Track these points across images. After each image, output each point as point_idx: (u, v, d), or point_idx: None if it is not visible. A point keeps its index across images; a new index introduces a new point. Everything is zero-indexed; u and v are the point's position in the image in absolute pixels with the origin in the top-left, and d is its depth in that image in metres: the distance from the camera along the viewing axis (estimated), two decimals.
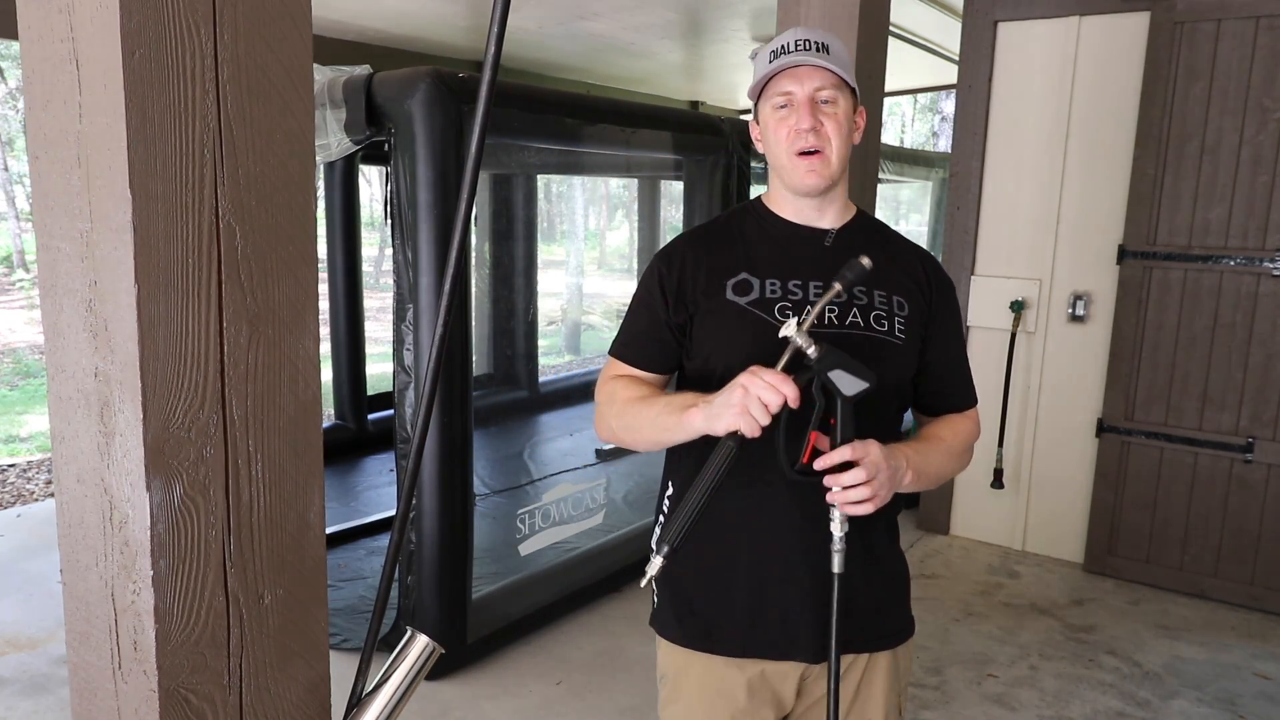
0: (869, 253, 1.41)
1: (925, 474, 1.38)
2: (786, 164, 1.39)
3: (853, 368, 1.22)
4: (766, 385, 1.19)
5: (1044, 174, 4.17)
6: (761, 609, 1.41)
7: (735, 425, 1.21)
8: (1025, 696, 3.10)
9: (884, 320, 1.39)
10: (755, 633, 1.41)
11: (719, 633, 1.43)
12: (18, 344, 10.72)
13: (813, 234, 1.44)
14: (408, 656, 1.00)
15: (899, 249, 1.50)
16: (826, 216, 1.45)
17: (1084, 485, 4.20)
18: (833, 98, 1.37)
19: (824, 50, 1.37)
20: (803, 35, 1.38)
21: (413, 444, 0.92)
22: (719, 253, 1.44)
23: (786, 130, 1.38)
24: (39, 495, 5.52)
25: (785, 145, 1.38)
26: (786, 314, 1.36)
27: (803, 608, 1.39)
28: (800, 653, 1.41)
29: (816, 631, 1.38)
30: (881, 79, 2.77)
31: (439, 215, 2.84)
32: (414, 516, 2.99)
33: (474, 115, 0.82)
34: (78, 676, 0.94)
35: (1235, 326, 3.77)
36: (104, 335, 0.84)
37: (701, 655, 1.45)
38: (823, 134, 1.36)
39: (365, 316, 5.77)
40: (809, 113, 1.36)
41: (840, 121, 1.38)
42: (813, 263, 1.42)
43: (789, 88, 1.37)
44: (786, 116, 1.38)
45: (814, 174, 1.38)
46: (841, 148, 1.39)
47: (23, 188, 15.49)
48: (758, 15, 5.20)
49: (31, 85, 0.86)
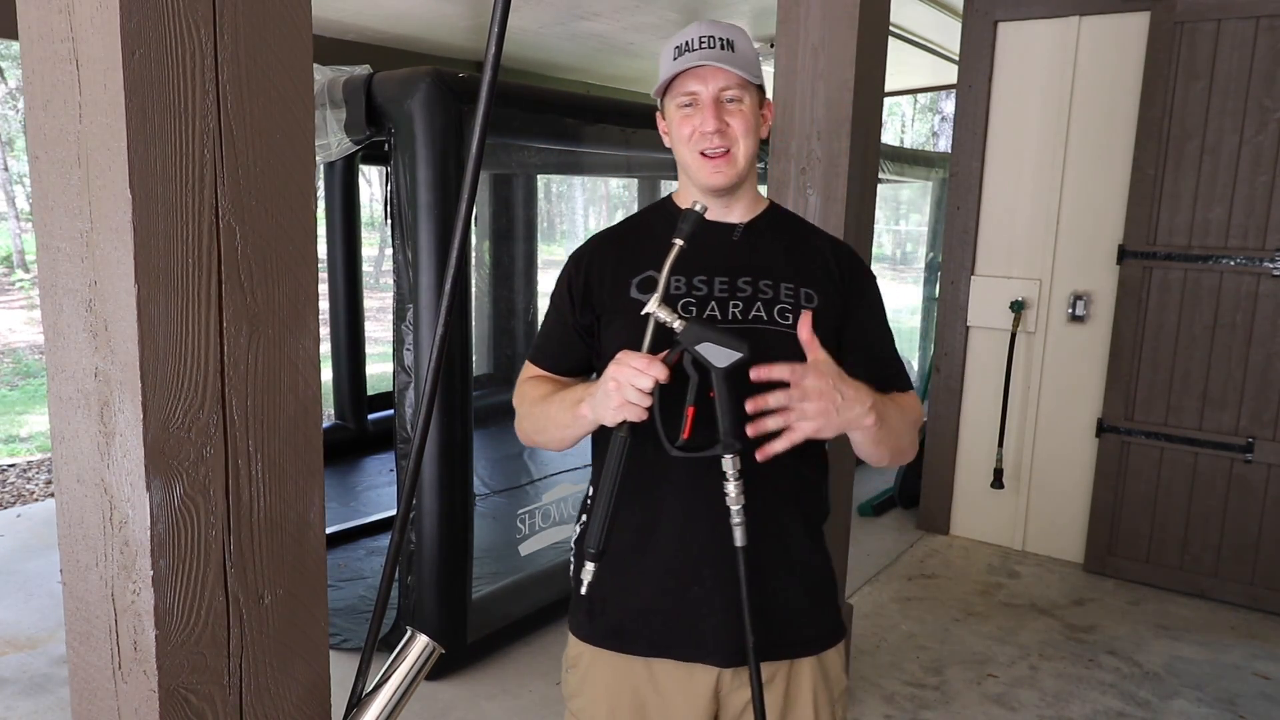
0: (779, 244, 1.41)
1: (887, 421, 1.29)
2: (692, 163, 1.38)
3: (721, 339, 1.18)
4: (633, 370, 1.18)
5: (1044, 174, 4.17)
6: (669, 608, 1.38)
7: (619, 416, 1.20)
8: (1025, 696, 3.10)
9: (789, 314, 1.37)
10: (663, 632, 1.39)
11: (627, 631, 1.40)
12: (18, 344, 10.72)
13: (721, 229, 1.43)
14: (408, 656, 1.00)
15: (811, 240, 1.48)
16: (735, 211, 1.44)
17: (1084, 485, 4.20)
18: (738, 96, 1.36)
19: (728, 47, 1.35)
20: (706, 31, 1.36)
21: (413, 444, 0.92)
22: (627, 252, 1.44)
23: (691, 130, 1.37)
24: (39, 495, 5.52)
25: (690, 145, 1.37)
26: (690, 310, 1.35)
27: (710, 609, 1.36)
28: (708, 655, 1.38)
29: (725, 633, 1.35)
30: (881, 79, 2.77)
31: (439, 215, 2.84)
32: (414, 516, 2.99)
33: (474, 115, 0.82)
34: (78, 676, 0.94)
35: (1235, 326, 3.77)
36: (104, 335, 0.84)
37: (610, 653, 1.42)
38: (729, 134, 1.36)
39: (365, 316, 5.77)
40: (714, 114, 1.34)
41: (747, 118, 1.37)
42: (719, 258, 1.40)
43: (694, 87, 1.36)
44: (691, 116, 1.37)
45: (719, 174, 1.37)
46: (749, 146, 1.38)
47: (23, 188, 15.49)
48: (758, 15, 5.20)
49: (31, 85, 0.86)
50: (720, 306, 1.37)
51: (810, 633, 1.44)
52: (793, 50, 2.69)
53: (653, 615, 1.39)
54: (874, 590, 3.94)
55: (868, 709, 3.00)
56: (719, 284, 1.38)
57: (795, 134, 2.71)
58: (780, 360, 1.21)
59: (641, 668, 1.41)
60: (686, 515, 1.36)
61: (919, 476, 4.71)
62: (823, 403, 1.20)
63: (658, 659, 1.40)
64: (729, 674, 1.39)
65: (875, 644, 3.44)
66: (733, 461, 1.21)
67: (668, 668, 1.40)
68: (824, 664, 1.46)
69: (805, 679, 1.44)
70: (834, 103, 2.64)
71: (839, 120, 2.64)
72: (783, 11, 2.70)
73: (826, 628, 1.47)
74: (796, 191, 2.73)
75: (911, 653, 3.39)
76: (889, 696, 3.08)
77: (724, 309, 1.36)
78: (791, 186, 2.74)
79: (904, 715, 2.98)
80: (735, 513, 1.22)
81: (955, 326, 4.46)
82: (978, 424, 4.46)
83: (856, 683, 3.15)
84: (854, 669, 3.21)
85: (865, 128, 2.70)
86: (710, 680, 1.40)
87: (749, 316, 1.36)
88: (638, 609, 1.40)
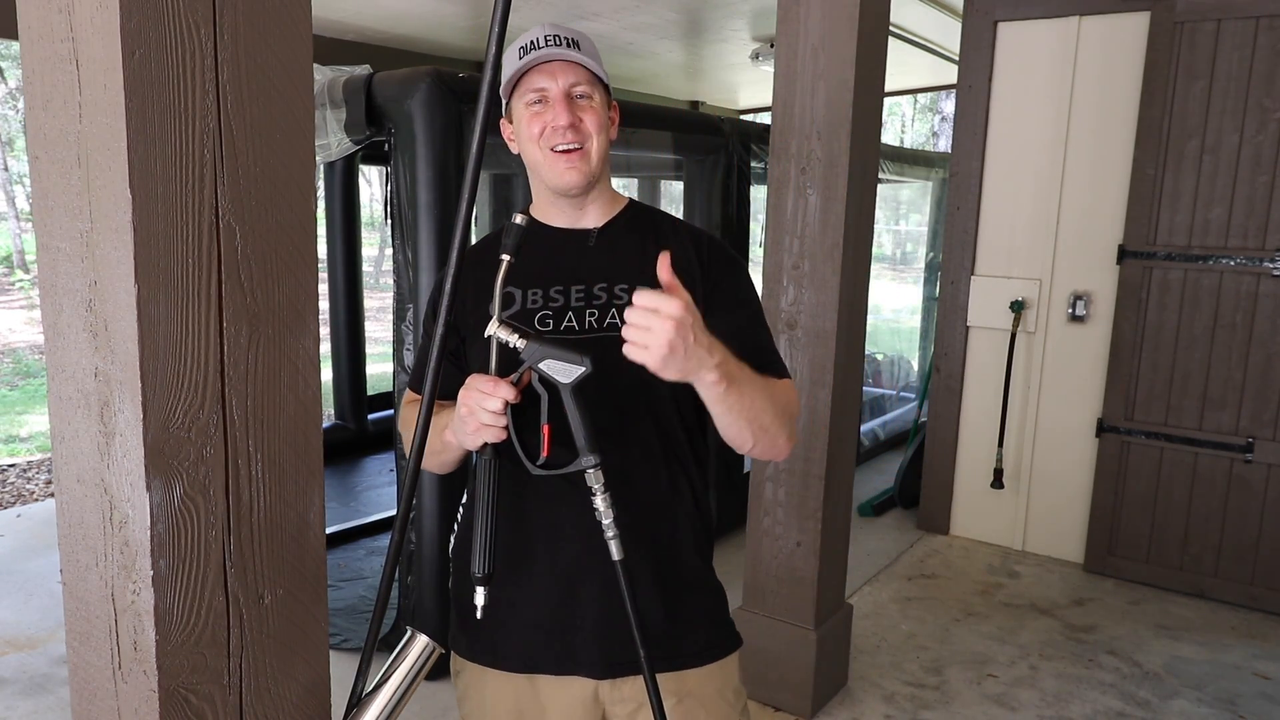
0: (636, 245, 1.38)
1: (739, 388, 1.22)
2: (543, 161, 1.35)
3: (563, 355, 1.16)
4: (480, 393, 1.17)
5: (1044, 174, 4.17)
6: (542, 622, 1.37)
7: (479, 439, 1.19)
8: (1025, 696, 3.10)
9: None
10: (536, 647, 1.38)
11: (502, 648, 1.40)
12: (18, 344, 10.72)
13: (576, 236, 1.40)
14: (408, 656, 1.01)
15: (670, 235, 1.43)
16: (589, 215, 1.41)
17: (1084, 485, 4.20)
18: (588, 92, 1.34)
19: (574, 45, 1.33)
20: (551, 31, 1.33)
21: (413, 444, 0.92)
22: (485, 271, 1.37)
23: (541, 127, 1.33)
24: (39, 495, 5.52)
25: (541, 142, 1.34)
26: (547, 323, 1.34)
27: (585, 620, 1.35)
28: (581, 667, 1.37)
29: (600, 645, 1.35)
30: (881, 79, 2.77)
31: (439, 215, 2.84)
32: (414, 516, 2.99)
33: (474, 115, 0.82)
34: (78, 676, 0.94)
35: (1235, 326, 3.77)
36: (104, 335, 0.84)
37: (489, 670, 1.42)
38: (582, 129, 1.33)
39: (365, 316, 5.77)
40: (565, 109, 1.31)
41: (598, 114, 1.34)
42: (574, 266, 1.38)
43: (542, 84, 1.32)
44: (541, 113, 1.33)
45: (574, 170, 1.33)
46: (601, 143, 1.35)
47: (23, 188, 15.49)
48: (758, 15, 5.20)
49: (31, 85, 0.86)
50: (576, 316, 1.34)
51: (691, 645, 1.42)
52: (793, 50, 2.69)
53: (529, 631, 1.38)
54: (874, 590, 3.94)
55: (868, 709, 3.00)
56: (575, 292, 1.36)
57: (795, 134, 2.71)
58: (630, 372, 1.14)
59: (523, 681, 1.40)
60: (557, 531, 1.35)
61: (919, 476, 4.71)
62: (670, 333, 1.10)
63: (535, 675, 1.40)
64: (607, 685, 1.38)
65: (875, 644, 3.45)
66: (595, 475, 1.18)
67: (546, 680, 1.40)
68: (718, 674, 1.44)
69: (698, 690, 1.41)
70: (834, 103, 2.64)
71: (839, 120, 2.63)
72: (783, 11, 2.70)
73: (713, 639, 1.44)
74: (796, 191, 2.73)
75: (911, 653, 3.39)
76: (889, 696, 3.08)
77: (580, 318, 1.34)
78: (791, 186, 2.74)
79: (904, 715, 2.98)
80: (607, 526, 1.19)
81: (955, 326, 4.46)
82: (978, 424, 4.46)
83: (856, 683, 3.15)
84: (854, 669, 3.21)
85: (865, 128, 2.70)
86: (587, 693, 1.39)
87: (604, 325, 1.34)
88: (514, 626, 1.39)
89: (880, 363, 7.17)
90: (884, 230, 12.44)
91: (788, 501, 2.85)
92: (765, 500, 2.89)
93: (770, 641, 2.91)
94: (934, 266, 6.42)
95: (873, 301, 3.20)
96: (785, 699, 2.92)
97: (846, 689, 3.10)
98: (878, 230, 5.49)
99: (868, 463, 5.75)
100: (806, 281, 2.74)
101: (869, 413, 6.38)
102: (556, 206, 1.40)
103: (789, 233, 2.76)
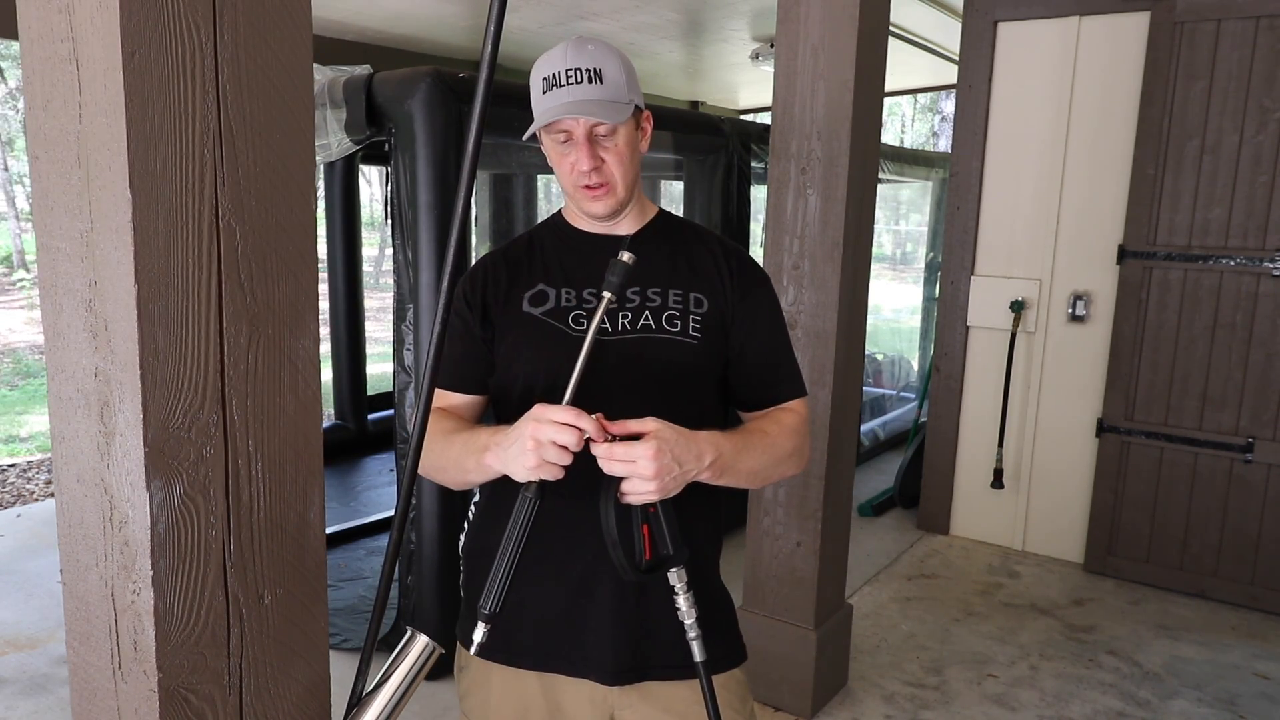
0: (666, 252, 1.42)
1: (735, 469, 1.30)
2: (574, 194, 1.40)
3: None
4: (556, 426, 1.14)
5: (1044, 174, 4.17)
6: (556, 622, 1.38)
7: (535, 475, 1.16)
8: (1025, 696, 3.10)
9: (677, 320, 1.39)
10: (549, 646, 1.39)
11: (515, 644, 1.40)
12: (18, 344, 10.72)
13: (610, 241, 1.44)
14: (408, 656, 1.00)
15: (700, 245, 1.48)
16: (622, 225, 1.46)
17: (1084, 485, 4.20)
18: (610, 130, 1.36)
19: (596, 77, 1.33)
20: (573, 63, 1.34)
21: (412, 444, 0.92)
22: (518, 267, 1.45)
23: (569, 166, 1.38)
24: (39, 495, 5.53)
25: (570, 178, 1.39)
26: (581, 322, 1.37)
27: (599, 624, 1.36)
28: (593, 670, 1.37)
29: (612, 649, 1.36)
30: (881, 79, 2.77)
31: (439, 215, 2.84)
32: (414, 516, 2.99)
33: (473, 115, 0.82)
34: (78, 676, 0.94)
35: (1235, 326, 3.77)
36: (104, 335, 0.84)
37: (498, 666, 1.42)
38: (605, 170, 1.37)
39: (365, 316, 5.77)
40: (588, 154, 1.35)
41: (621, 152, 1.38)
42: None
43: (566, 125, 1.36)
44: (568, 153, 1.37)
45: (599, 202, 1.39)
46: (626, 174, 1.39)
47: (23, 188, 15.49)
48: (758, 15, 5.20)
49: (31, 85, 0.86)
50: (609, 317, 1.38)
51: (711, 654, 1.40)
52: (793, 50, 2.69)
53: (540, 629, 1.39)
54: (874, 590, 3.94)
55: (868, 709, 3.00)
56: None
57: (795, 134, 2.71)
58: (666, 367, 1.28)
59: (533, 679, 1.41)
60: (578, 532, 1.35)
61: (919, 476, 4.71)
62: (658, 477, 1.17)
63: (546, 673, 1.40)
64: (617, 692, 1.40)
65: (875, 644, 3.44)
66: (679, 574, 1.24)
67: (559, 680, 1.40)
68: (731, 684, 1.45)
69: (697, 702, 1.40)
70: (834, 103, 2.64)
71: (839, 120, 2.63)
72: (783, 11, 2.70)
73: (728, 648, 1.47)
74: (796, 191, 2.73)
75: (911, 653, 3.39)
76: (889, 696, 3.08)
77: (613, 320, 1.38)
78: (791, 186, 2.74)
79: (904, 715, 2.98)
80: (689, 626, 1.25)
81: (955, 326, 4.46)
82: (978, 424, 4.46)
83: (856, 683, 3.15)
84: (854, 669, 3.21)
85: (865, 128, 2.70)
86: (599, 695, 1.40)
87: (638, 326, 1.38)
88: (525, 623, 1.39)
89: (880, 363, 7.17)
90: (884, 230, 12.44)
91: (788, 501, 2.85)
92: (765, 500, 2.89)
93: (770, 641, 2.91)
94: (934, 266, 6.42)
95: (873, 301, 3.20)
96: (785, 699, 2.92)
97: (846, 689, 3.10)
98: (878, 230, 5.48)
99: (868, 463, 5.75)
100: (806, 281, 2.74)
101: (869, 413, 6.38)
102: (589, 218, 1.46)
103: (789, 233, 2.76)
